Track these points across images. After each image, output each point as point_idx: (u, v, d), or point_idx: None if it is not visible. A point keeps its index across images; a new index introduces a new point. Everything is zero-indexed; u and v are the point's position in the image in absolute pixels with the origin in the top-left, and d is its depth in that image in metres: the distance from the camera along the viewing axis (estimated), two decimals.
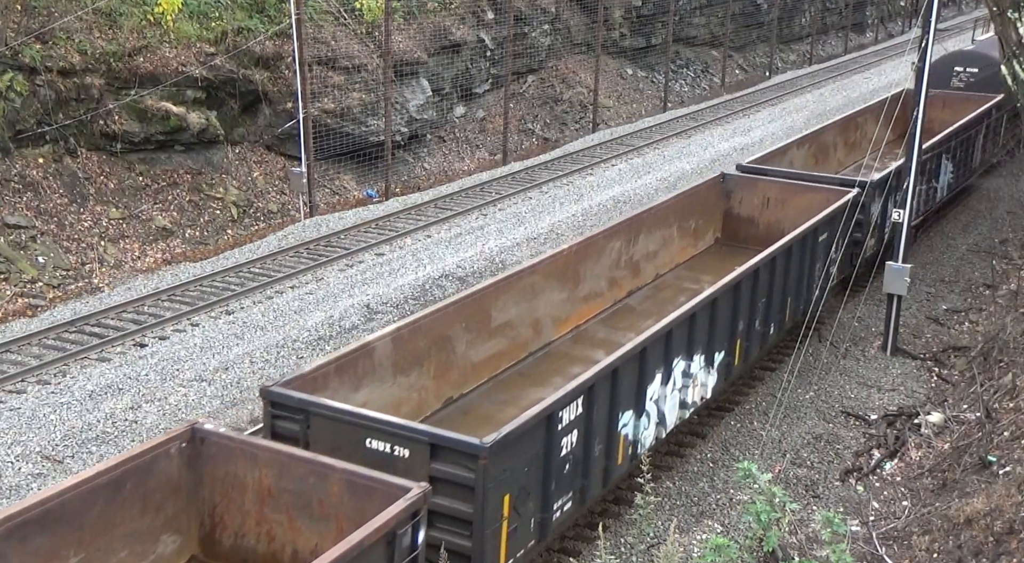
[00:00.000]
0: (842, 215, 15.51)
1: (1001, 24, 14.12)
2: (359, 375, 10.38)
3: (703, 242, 17.44)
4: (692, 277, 16.22)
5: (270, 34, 22.60)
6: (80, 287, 18.25)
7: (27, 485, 12.08)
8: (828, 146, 21.82)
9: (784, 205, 17.03)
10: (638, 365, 10.80)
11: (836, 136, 22.11)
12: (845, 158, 22.60)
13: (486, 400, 11.99)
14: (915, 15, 50.40)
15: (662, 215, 16.10)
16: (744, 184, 17.54)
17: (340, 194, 24.01)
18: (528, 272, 12.98)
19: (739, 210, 17.60)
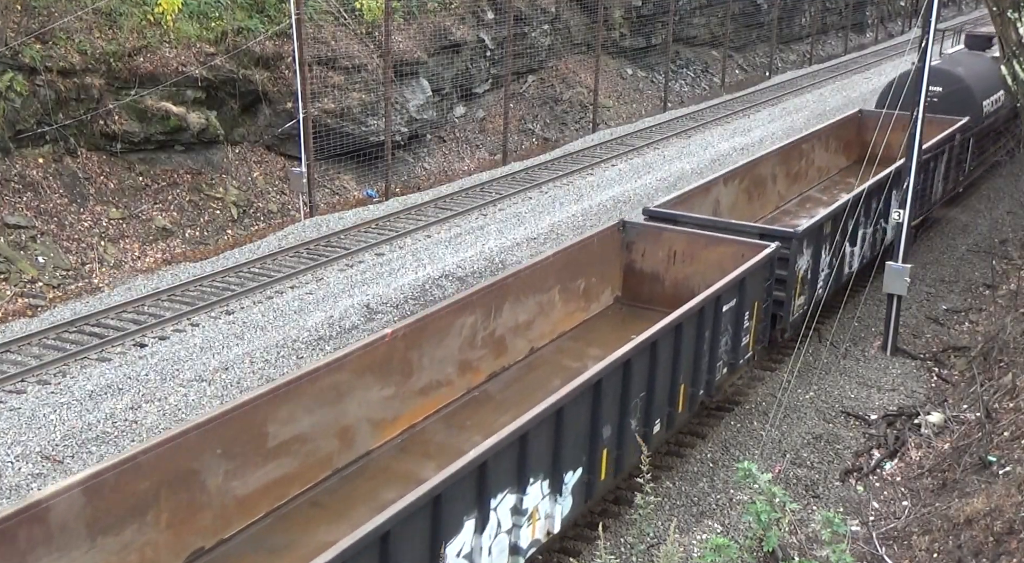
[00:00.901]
0: (761, 272, 13.49)
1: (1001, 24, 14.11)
2: (23, 550, 7.39)
3: (598, 303, 14.73)
4: (578, 349, 13.52)
5: (270, 34, 22.61)
6: (80, 287, 18.25)
7: (27, 485, 12.09)
8: (765, 179, 19.30)
9: (693, 260, 14.44)
10: (429, 517, 7.93)
11: (775, 166, 19.64)
12: (787, 190, 20.34)
13: (255, 546, 9.09)
14: (915, 15, 50.39)
15: (538, 276, 13.25)
16: (647, 234, 14.82)
17: (340, 194, 24.01)
18: (327, 370, 9.98)
19: (642, 265, 14.84)
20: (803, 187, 20.86)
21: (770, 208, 19.32)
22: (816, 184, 21.40)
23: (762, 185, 19.12)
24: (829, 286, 16.05)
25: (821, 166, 21.74)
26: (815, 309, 15.55)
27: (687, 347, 11.88)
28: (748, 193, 18.49)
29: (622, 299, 15.04)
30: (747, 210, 18.33)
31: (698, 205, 16.50)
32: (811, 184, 21.23)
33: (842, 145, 22.61)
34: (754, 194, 18.78)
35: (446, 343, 11.76)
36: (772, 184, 19.54)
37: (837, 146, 22.37)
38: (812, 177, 21.41)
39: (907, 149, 15.82)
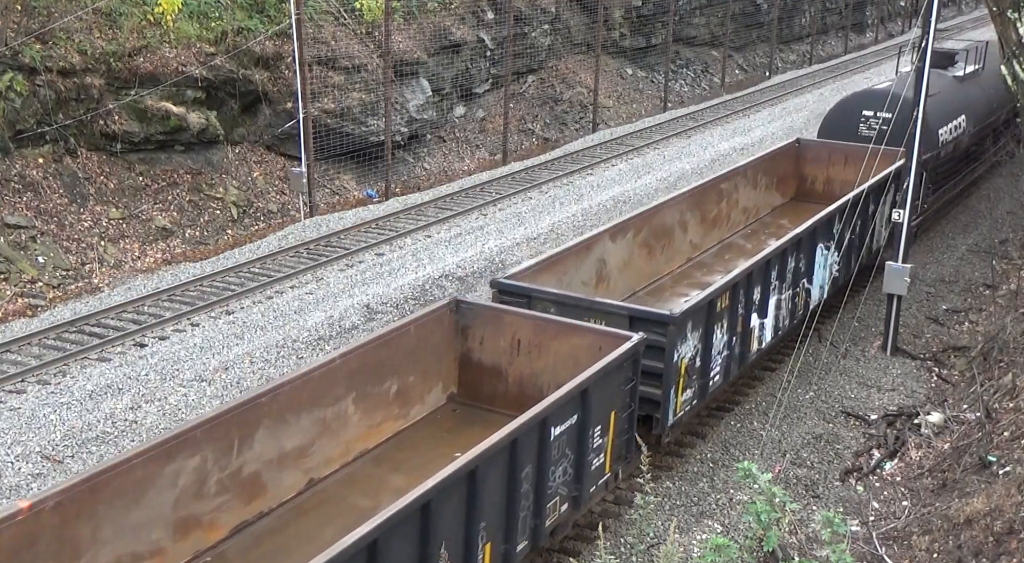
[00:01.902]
0: (619, 373, 10.48)
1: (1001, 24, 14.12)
2: None
3: (422, 405, 11.64)
4: (378, 477, 10.54)
5: (270, 34, 22.61)
6: (80, 287, 18.25)
7: (27, 485, 12.09)
8: (671, 227, 16.52)
9: (542, 352, 11.43)
10: None
11: (686, 212, 16.92)
12: (704, 238, 17.56)
13: None
14: (915, 15, 50.39)
15: (317, 387, 10.14)
16: (485, 318, 11.81)
17: (340, 194, 24.01)
18: None
19: (481, 355, 11.78)
20: (724, 233, 18.14)
21: (679, 262, 16.72)
22: (741, 228, 18.75)
23: (667, 235, 16.33)
24: (730, 370, 13.29)
25: (748, 206, 18.96)
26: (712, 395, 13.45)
27: (490, 493, 8.79)
28: (648, 246, 15.74)
29: (458, 398, 11.89)
30: (647, 267, 15.78)
31: (574, 268, 13.82)
32: (735, 229, 18.53)
33: (775, 180, 19.82)
34: (657, 247, 16.04)
35: (146, 502, 8.47)
36: (682, 233, 16.79)
37: (769, 182, 19.61)
38: (736, 221, 18.65)
39: (907, 148, 15.81)
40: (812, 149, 20.30)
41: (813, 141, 20.65)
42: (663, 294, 15.57)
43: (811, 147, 20.33)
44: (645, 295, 15.44)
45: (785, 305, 14.74)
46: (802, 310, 15.27)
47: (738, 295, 13.10)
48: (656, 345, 11.35)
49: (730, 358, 13.24)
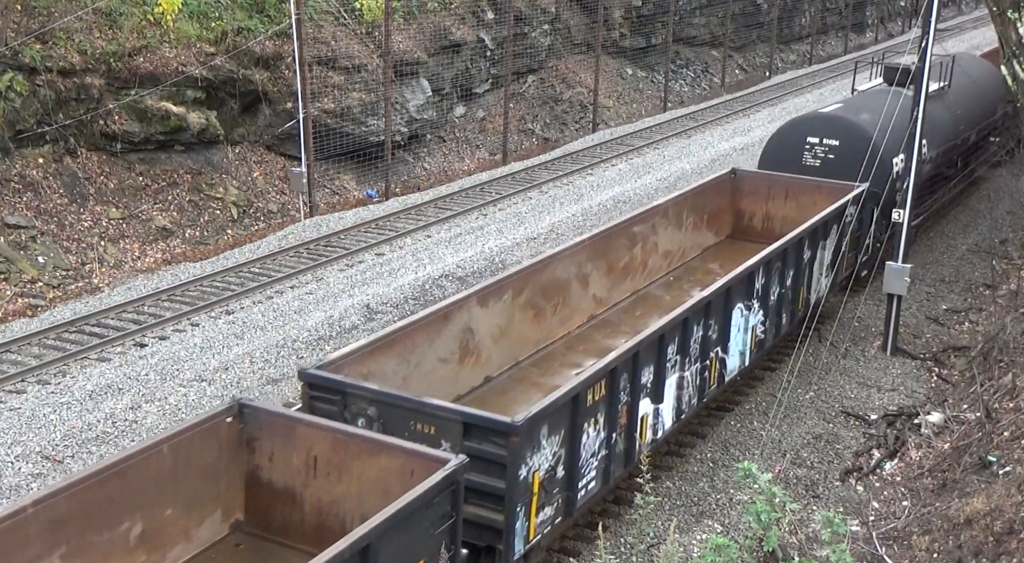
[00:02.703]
0: (429, 510, 7.91)
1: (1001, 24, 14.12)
2: None
3: (190, 543, 8.81)
4: None
5: (270, 34, 22.61)
6: (80, 287, 18.25)
7: (27, 485, 12.09)
8: (567, 282, 13.79)
9: (343, 475, 8.81)
10: None
11: (586, 263, 14.20)
12: (612, 291, 14.94)
13: None
14: (915, 15, 50.40)
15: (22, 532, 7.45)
16: (278, 428, 9.08)
17: (340, 194, 24.01)
18: None
19: (271, 476, 9.13)
20: (639, 283, 15.65)
21: (577, 321, 14.13)
22: (662, 276, 16.16)
23: (561, 292, 13.72)
24: (610, 473, 10.62)
25: (671, 250, 16.43)
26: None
27: None
28: (534, 307, 13.18)
29: (245, 526, 9.23)
30: (533, 332, 13.19)
31: (427, 343, 11.28)
32: (653, 277, 16.01)
33: (706, 218, 17.35)
34: (547, 307, 13.44)
35: None
36: (581, 287, 14.19)
37: (698, 220, 17.16)
38: (655, 267, 16.05)
39: (907, 149, 15.81)
40: (749, 181, 17.85)
41: (750, 172, 18.29)
42: (551, 364, 13.03)
43: (748, 179, 17.89)
44: (530, 366, 12.90)
45: (690, 382, 12.13)
46: (715, 383, 12.78)
47: (618, 381, 10.40)
48: (496, 460, 8.89)
49: (609, 458, 10.50)
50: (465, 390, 12.01)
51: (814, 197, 16.69)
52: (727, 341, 12.89)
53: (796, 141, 18.24)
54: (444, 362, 11.66)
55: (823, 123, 18.28)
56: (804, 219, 15.24)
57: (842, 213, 15.67)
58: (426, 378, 11.26)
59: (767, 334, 14.18)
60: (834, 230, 15.72)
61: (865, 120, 18.00)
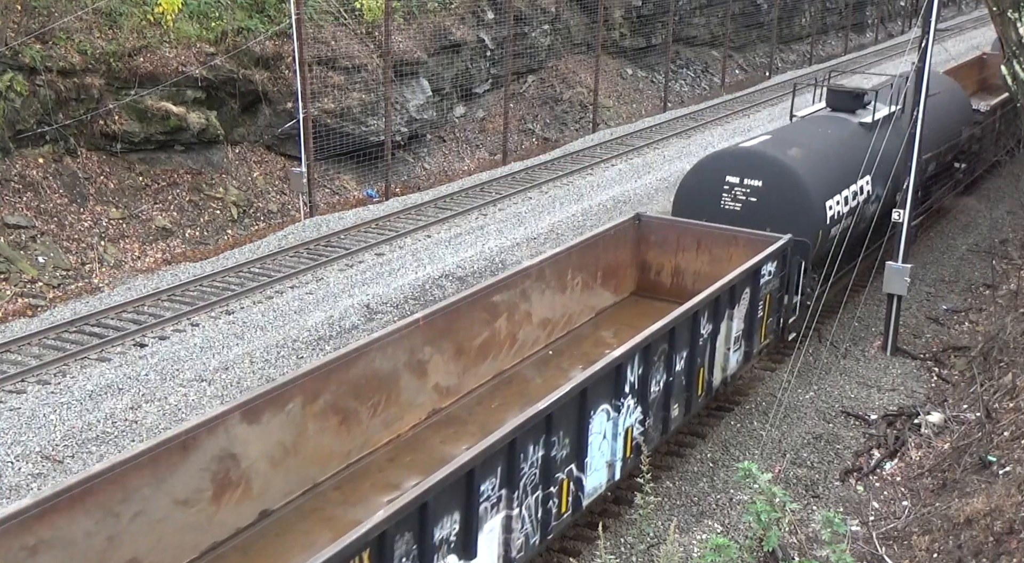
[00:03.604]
0: None
1: (1001, 24, 14.12)
2: None
3: None
4: None
5: (270, 34, 22.61)
6: (80, 287, 18.25)
7: (27, 485, 12.09)
8: (388, 376, 10.80)
9: None
10: None
11: (423, 345, 11.24)
12: (462, 379, 12.08)
13: None
14: (915, 15, 50.40)
15: None
16: None
17: (340, 194, 24.01)
18: None
19: None
20: (504, 363, 12.73)
21: (413, 421, 11.24)
22: (539, 349, 13.32)
23: (387, 386, 10.81)
24: None
25: (553, 317, 13.63)
26: None
27: None
28: (342, 412, 10.22)
29: None
30: (339, 443, 10.32)
31: (159, 477, 8.39)
32: (527, 353, 13.12)
33: (601, 274, 14.63)
34: (362, 409, 10.54)
35: None
36: (416, 377, 11.24)
37: (589, 278, 14.34)
38: (529, 340, 13.10)
39: (907, 150, 15.81)
40: (656, 229, 15.27)
41: (657, 219, 15.58)
42: (361, 486, 10.21)
43: (655, 227, 15.29)
44: (332, 489, 10.08)
45: (528, 519, 9.36)
46: (569, 511, 10.05)
47: (391, 547, 7.40)
48: None
49: None
50: (228, 533, 9.03)
51: (729, 249, 14.40)
52: (584, 456, 10.06)
53: (713, 181, 15.65)
54: (186, 504, 8.66)
55: (744, 160, 15.64)
56: (718, 274, 13.25)
57: (757, 272, 13.19)
58: (153, 531, 8.30)
59: (649, 435, 11.29)
60: (747, 294, 13.16)
61: (794, 157, 15.64)
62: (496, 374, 12.61)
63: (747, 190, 15.21)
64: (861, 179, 16.29)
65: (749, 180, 15.23)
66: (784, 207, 14.84)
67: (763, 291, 13.54)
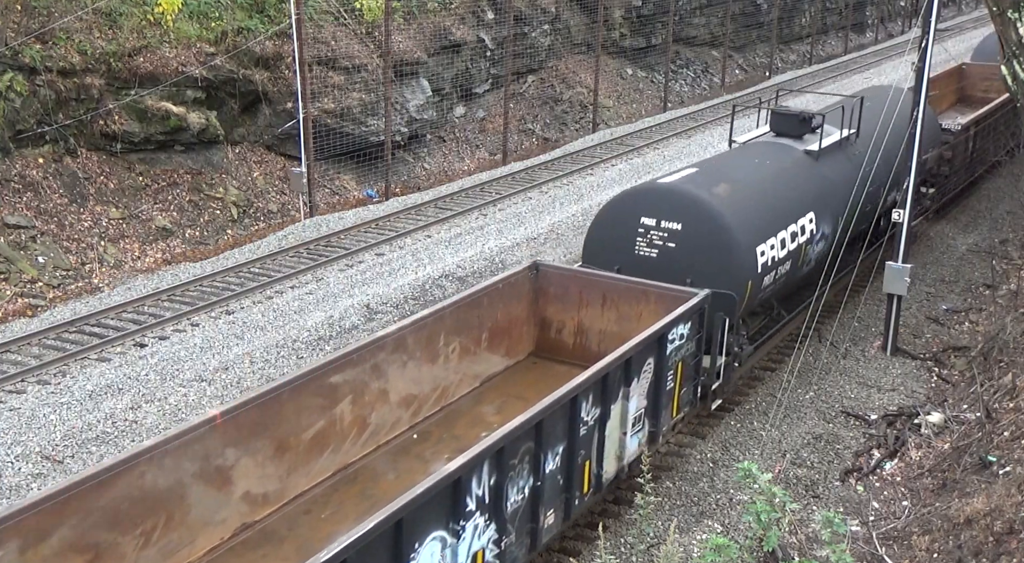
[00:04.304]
0: None
1: (1001, 24, 14.11)
2: None
3: None
4: None
5: (270, 34, 22.61)
6: (80, 287, 18.25)
7: (27, 485, 12.09)
8: (165, 495, 8.51)
9: None
10: None
11: (222, 448, 9.03)
12: (292, 479, 9.96)
13: None
14: (915, 15, 50.41)
15: None
16: None
17: (340, 194, 24.02)
18: None
19: None
20: (352, 453, 10.65)
21: (208, 543, 8.97)
22: (401, 434, 11.25)
23: (166, 505, 8.52)
24: None
25: (418, 393, 11.48)
26: None
27: None
28: (92, 548, 7.93)
29: None
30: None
31: None
32: (384, 438, 11.05)
33: (485, 336, 12.51)
34: (125, 541, 8.19)
35: None
36: (215, 488, 9.02)
37: (471, 342, 12.26)
38: (387, 422, 11.05)
39: (907, 149, 15.81)
40: (556, 280, 13.21)
41: (556, 269, 13.46)
42: None
43: (554, 278, 13.22)
44: None
45: None
46: None
47: None
48: None
49: None
50: None
51: (638, 306, 12.52)
52: None
53: (627, 222, 13.50)
54: None
55: (662, 199, 13.48)
56: (627, 334, 11.56)
57: (663, 339, 11.22)
58: None
59: (509, 554, 9.11)
60: (649, 365, 11.12)
61: (720, 195, 13.55)
62: (339, 469, 10.40)
63: (664, 234, 13.12)
64: (803, 217, 14.48)
65: (667, 223, 13.13)
66: (707, 254, 12.88)
67: (673, 359, 11.52)
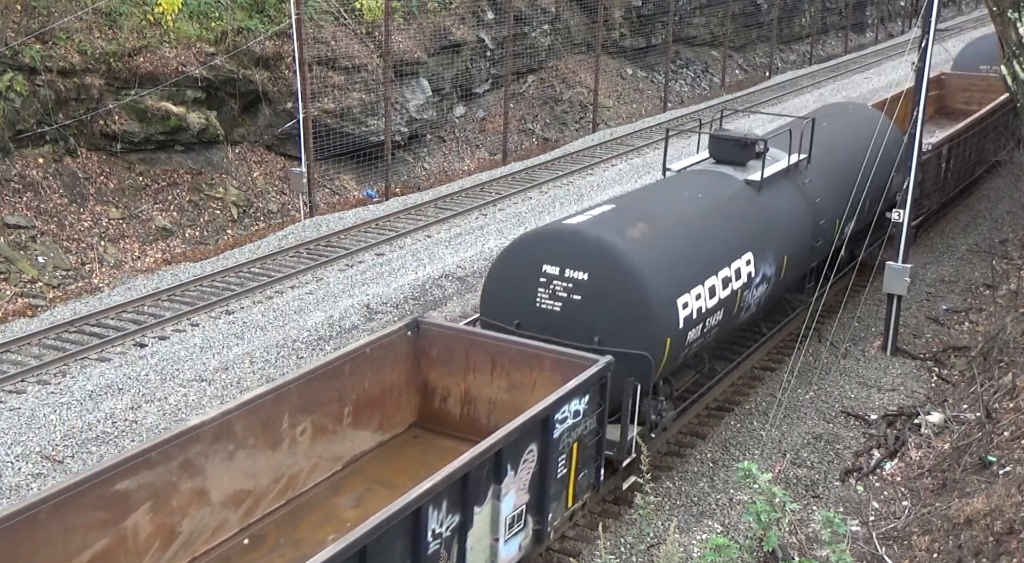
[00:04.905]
0: None
1: (1001, 24, 14.11)
2: None
3: None
4: None
5: (270, 34, 22.60)
6: (80, 287, 18.25)
7: (27, 485, 12.09)
8: None
9: None
10: None
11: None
12: None
13: None
14: (915, 15, 50.42)
15: None
16: None
17: (340, 194, 24.01)
18: None
19: None
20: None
21: None
22: (227, 540, 9.07)
23: None
24: None
25: (249, 489, 9.28)
26: None
27: None
28: None
29: None
30: None
31: None
32: (210, 543, 8.94)
33: (349, 410, 10.38)
34: None
35: None
36: None
37: (326, 419, 10.08)
38: (208, 527, 8.91)
39: (907, 147, 15.81)
40: (439, 341, 11.13)
41: (439, 327, 11.29)
42: None
43: (436, 338, 11.13)
44: None
45: None
46: None
47: None
48: None
49: None
50: None
51: (532, 372, 10.51)
52: None
53: (527, 270, 11.50)
54: None
55: (566, 243, 11.44)
56: (519, 405, 10.01)
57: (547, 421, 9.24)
58: None
59: None
60: (531, 452, 9.20)
61: (634, 238, 11.57)
62: None
63: (569, 285, 11.19)
64: (739, 258, 12.66)
65: (572, 272, 11.19)
66: (617, 309, 11.04)
67: (565, 441, 9.56)
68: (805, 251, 14.64)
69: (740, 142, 14.42)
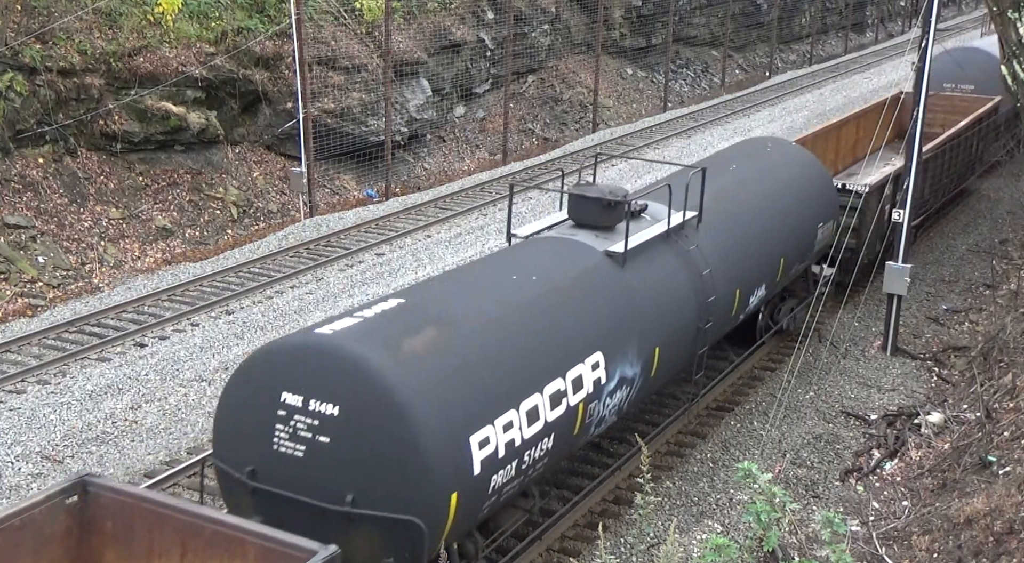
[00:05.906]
0: None
1: (1001, 24, 14.12)
2: None
3: None
4: None
5: (270, 34, 22.61)
6: (80, 287, 18.25)
7: (27, 485, 12.09)
8: None
9: None
10: None
11: None
12: None
13: None
14: (915, 15, 50.42)
15: None
16: None
17: (340, 194, 24.02)
18: None
19: None
20: None
21: None
22: None
23: None
24: None
25: None
26: None
27: None
28: None
29: None
30: None
31: None
32: None
33: None
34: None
35: None
36: None
37: None
38: None
39: (907, 148, 15.80)
40: (115, 512, 7.50)
41: (114, 492, 7.55)
42: None
43: (111, 507, 7.51)
44: None
45: None
46: None
47: None
48: None
49: None
50: None
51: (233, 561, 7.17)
52: None
53: (264, 399, 8.46)
54: None
55: (311, 363, 8.34)
56: None
57: None
58: None
59: None
60: None
61: (407, 353, 8.44)
62: None
63: (315, 422, 8.13)
64: (583, 361, 9.69)
65: (318, 403, 8.13)
66: (376, 456, 7.97)
67: None
68: (687, 337, 11.65)
69: (603, 202, 11.16)
